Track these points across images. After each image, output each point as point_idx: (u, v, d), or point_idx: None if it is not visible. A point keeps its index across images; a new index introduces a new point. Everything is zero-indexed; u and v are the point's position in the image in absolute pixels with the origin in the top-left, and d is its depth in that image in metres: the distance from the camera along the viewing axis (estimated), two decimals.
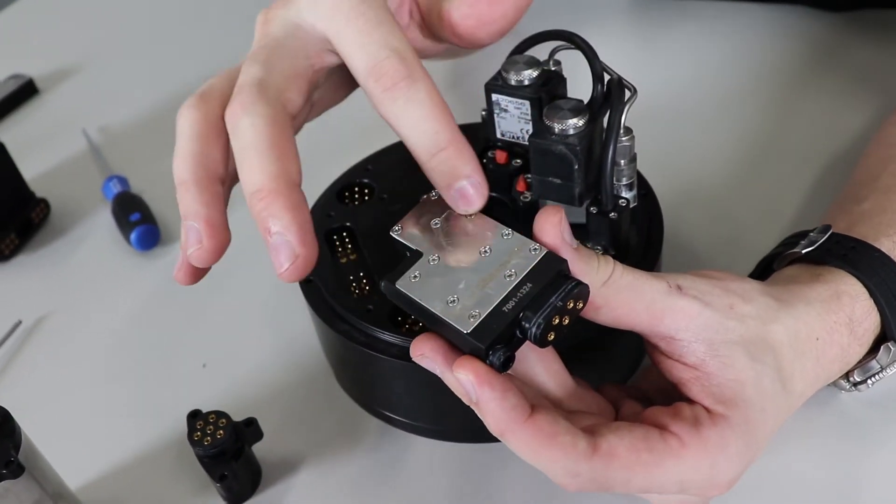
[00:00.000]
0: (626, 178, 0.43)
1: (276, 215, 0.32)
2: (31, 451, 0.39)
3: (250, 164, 0.33)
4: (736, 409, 0.34)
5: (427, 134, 0.33)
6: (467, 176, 0.34)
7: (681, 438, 0.33)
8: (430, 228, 0.36)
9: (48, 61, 0.83)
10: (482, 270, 0.33)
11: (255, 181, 0.33)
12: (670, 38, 0.72)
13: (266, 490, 0.44)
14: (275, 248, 0.33)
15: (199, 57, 0.80)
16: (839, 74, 0.66)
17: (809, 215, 0.54)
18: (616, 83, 0.40)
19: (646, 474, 0.33)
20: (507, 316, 0.32)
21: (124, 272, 0.59)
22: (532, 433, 0.32)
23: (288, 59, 0.36)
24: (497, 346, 0.32)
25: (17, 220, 0.62)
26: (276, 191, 0.33)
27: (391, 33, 0.34)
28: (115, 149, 0.71)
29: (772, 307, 0.36)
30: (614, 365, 0.45)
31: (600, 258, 0.34)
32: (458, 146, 0.34)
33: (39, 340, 0.55)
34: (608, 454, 0.32)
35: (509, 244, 0.34)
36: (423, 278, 0.34)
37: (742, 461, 0.34)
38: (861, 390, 0.42)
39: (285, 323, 0.52)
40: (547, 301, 0.32)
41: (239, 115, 0.34)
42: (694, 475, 0.33)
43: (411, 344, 0.34)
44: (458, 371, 0.32)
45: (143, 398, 0.50)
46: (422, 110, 0.33)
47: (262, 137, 0.33)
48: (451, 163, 0.33)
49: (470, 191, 0.34)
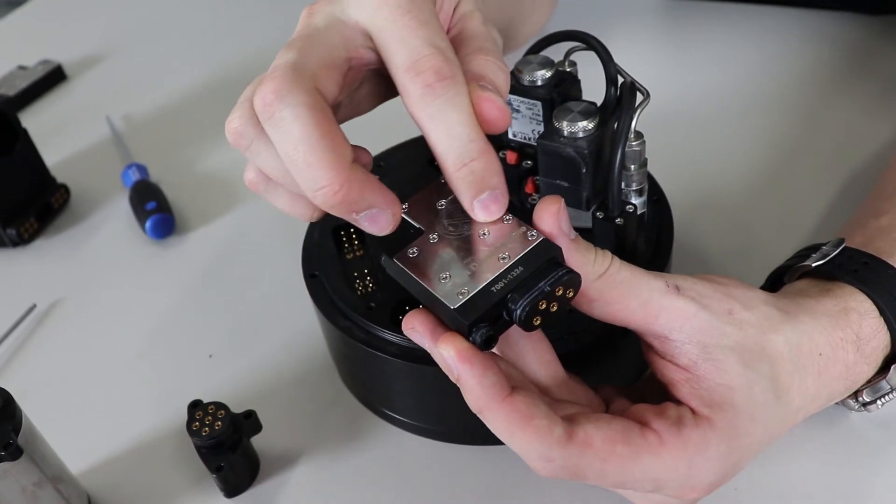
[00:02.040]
0: (636, 183, 0.42)
1: (358, 199, 0.32)
2: (32, 434, 0.40)
3: (307, 161, 0.32)
4: (722, 413, 0.34)
5: (460, 141, 0.33)
6: (493, 187, 0.33)
7: (660, 435, 0.33)
8: (434, 209, 0.36)
9: (78, 48, 0.84)
10: (478, 251, 0.34)
11: (318, 178, 0.32)
12: (697, 42, 0.71)
13: (263, 482, 0.44)
14: (368, 220, 0.33)
15: (225, 49, 0.81)
16: (868, 82, 0.64)
17: (828, 228, 0.53)
18: (628, 86, 0.40)
19: (620, 467, 0.32)
20: (494, 296, 0.32)
21: (138, 260, 0.60)
22: (508, 413, 0.32)
23: (325, 48, 0.34)
24: (481, 324, 0.32)
25: (37, 204, 0.63)
26: (348, 180, 0.32)
27: (436, 34, 0.34)
28: (137, 137, 0.71)
29: (774, 317, 0.36)
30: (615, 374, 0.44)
31: (598, 251, 0.34)
32: (489, 157, 0.33)
33: (52, 325, 0.56)
34: (583, 443, 0.32)
35: (508, 228, 0.34)
36: (420, 255, 0.34)
37: (723, 466, 0.34)
38: (870, 410, 0.41)
39: (293, 317, 0.52)
40: (535, 286, 0.32)
41: (275, 103, 0.32)
42: (670, 474, 0.33)
43: (404, 318, 0.34)
44: (441, 346, 0.32)
45: (149, 386, 0.50)
46: (460, 115, 0.33)
47: (311, 128, 0.32)
48: (481, 174, 0.33)
49: (492, 203, 0.33)
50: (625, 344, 0.42)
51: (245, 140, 0.35)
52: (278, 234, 0.60)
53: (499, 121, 0.34)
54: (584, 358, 0.40)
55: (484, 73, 0.35)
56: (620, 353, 0.43)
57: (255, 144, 0.34)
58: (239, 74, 0.77)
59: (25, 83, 0.78)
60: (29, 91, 0.78)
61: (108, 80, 0.80)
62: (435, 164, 0.51)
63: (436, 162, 0.51)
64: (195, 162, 0.68)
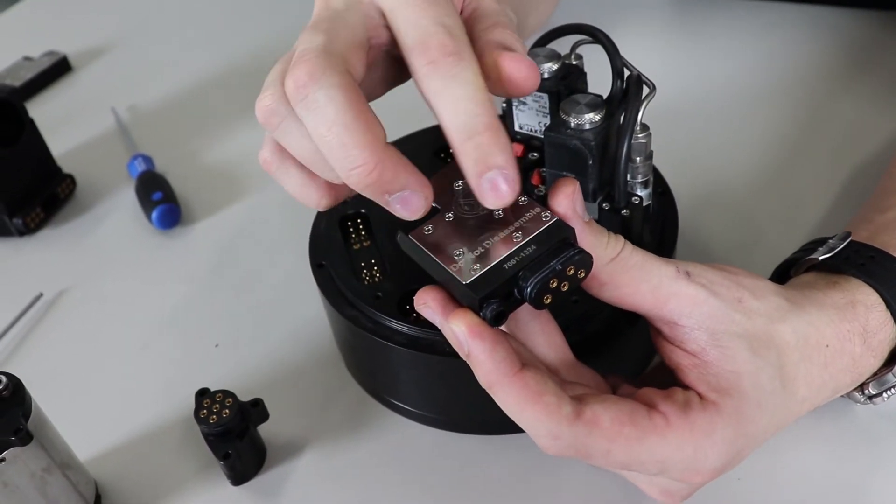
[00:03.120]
0: (641, 175, 0.42)
1: (392, 179, 0.32)
2: (41, 421, 0.40)
3: (341, 142, 0.32)
4: (729, 398, 0.34)
5: (465, 115, 0.32)
6: (500, 167, 0.32)
7: (667, 417, 0.33)
8: (451, 188, 0.36)
9: (83, 39, 0.84)
10: (492, 230, 0.34)
11: (352, 158, 0.32)
12: (702, 36, 0.71)
13: (270, 470, 0.44)
14: (401, 202, 0.33)
15: (230, 41, 0.81)
16: (874, 77, 0.64)
17: (833, 222, 0.53)
18: (634, 79, 0.40)
19: (627, 448, 0.33)
20: (505, 273, 0.32)
21: (144, 250, 0.60)
22: (519, 388, 0.32)
23: (350, 29, 0.34)
24: (492, 300, 0.32)
25: (43, 194, 0.63)
26: (381, 161, 0.32)
27: (446, 13, 0.34)
28: (143, 128, 0.72)
29: (782, 307, 0.36)
30: (622, 364, 0.45)
31: (611, 235, 0.34)
32: (495, 133, 0.32)
33: (59, 314, 0.56)
34: (591, 421, 0.32)
35: (523, 209, 0.34)
36: (435, 232, 0.34)
37: (728, 451, 0.34)
38: (876, 403, 0.41)
39: (299, 306, 0.53)
40: (547, 264, 0.32)
41: (309, 85, 0.32)
42: (676, 456, 0.33)
43: (416, 293, 0.34)
44: (452, 321, 0.32)
45: (156, 374, 0.51)
46: (464, 90, 0.32)
47: (344, 110, 0.32)
48: (486, 149, 0.32)
49: (501, 183, 0.32)
50: (631, 332, 0.42)
51: (276, 118, 0.34)
52: (284, 224, 0.60)
53: (529, 79, 0.33)
54: (592, 346, 0.41)
55: (505, 41, 0.34)
56: (627, 342, 0.43)
57: (286, 124, 0.34)
58: (244, 65, 0.77)
59: (31, 74, 0.79)
60: (35, 82, 0.78)
61: (114, 72, 0.81)
62: (441, 155, 0.52)
63: (442, 153, 0.52)
64: (200, 153, 0.68)
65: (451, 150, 0.33)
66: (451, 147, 0.33)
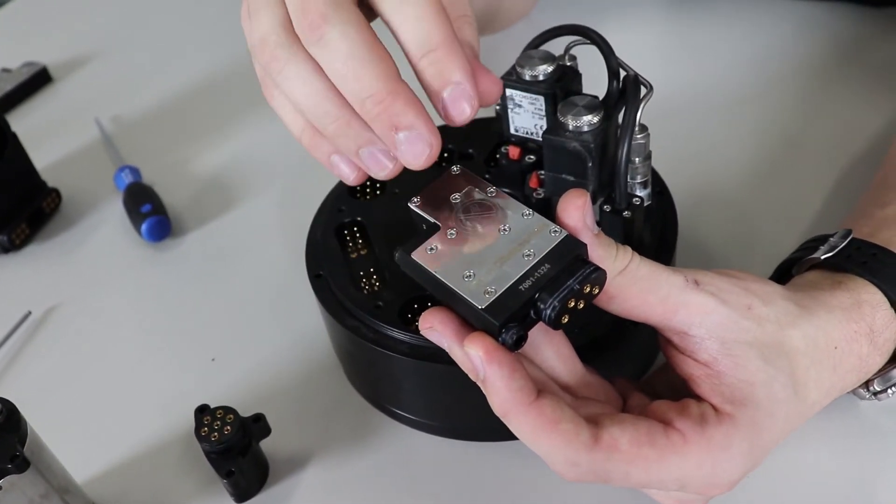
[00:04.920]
0: (641, 176, 0.42)
1: (402, 112, 0.32)
2: (37, 445, 0.39)
3: (356, 74, 0.32)
4: (744, 409, 0.34)
5: (419, 32, 0.32)
6: (457, 82, 0.32)
7: (684, 435, 0.33)
8: (449, 202, 0.35)
9: (63, 49, 0.83)
10: (500, 248, 0.33)
11: (365, 88, 0.32)
12: (696, 34, 0.71)
13: (273, 486, 0.44)
14: (407, 142, 0.33)
15: (213, 48, 0.80)
16: (866, 73, 0.64)
17: (829, 218, 0.53)
18: (632, 80, 0.40)
19: (646, 469, 0.32)
20: (523, 295, 0.32)
21: (134, 263, 0.59)
22: (535, 417, 0.32)
23: None
24: (511, 324, 0.31)
25: (28, 209, 0.62)
26: (394, 91, 0.32)
27: None
28: (128, 139, 0.71)
29: (792, 312, 0.36)
30: (626, 363, 0.44)
31: (619, 247, 0.34)
32: (449, 48, 0.32)
33: (49, 332, 0.55)
34: (610, 446, 0.32)
35: (529, 224, 0.34)
36: (439, 251, 0.34)
37: (745, 463, 0.34)
38: (881, 399, 0.41)
39: (295, 318, 0.52)
40: (564, 283, 0.32)
41: (322, 25, 0.32)
42: (695, 473, 0.33)
43: (421, 316, 0.34)
44: (468, 346, 0.32)
45: (151, 392, 0.50)
46: (417, 9, 0.32)
47: (358, 44, 0.32)
48: (441, 65, 0.32)
49: (460, 99, 0.32)
50: (634, 334, 0.42)
51: (278, 64, 0.34)
52: (277, 233, 0.59)
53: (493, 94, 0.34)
54: (596, 350, 0.40)
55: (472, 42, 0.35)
56: (631, 344, 0.43)
57: (289, 68, 0.34)
58: (227, 73, 0.76)
59: (10, 86, 0.77)
60: (13, 94, 0.77)
61: (95, 82, 0.79)
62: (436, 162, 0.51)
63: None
64: (189, 163, 0.67)
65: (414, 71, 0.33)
66: (414, 71, 0.33)
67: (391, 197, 0.48)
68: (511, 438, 0.43)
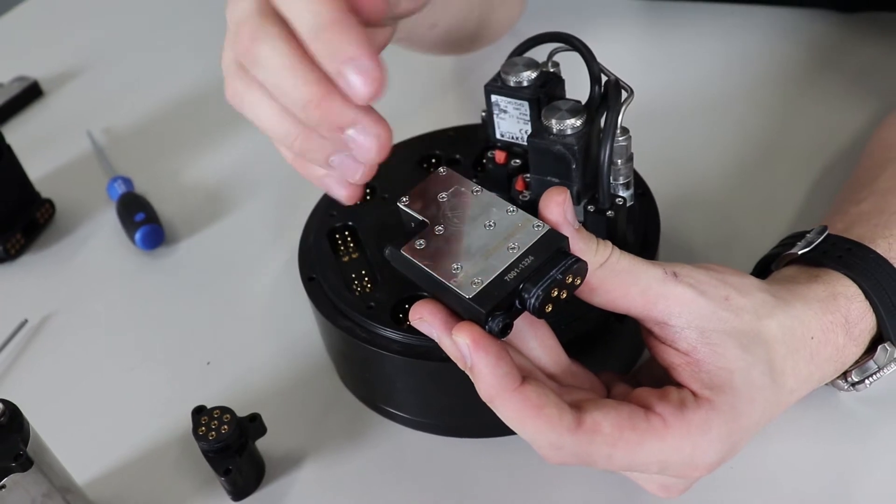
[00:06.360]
0: (623, 177, 0.43)
1: (341, 110, 0.32)
2: (40, 446, 0.40)
3: (293, 83, 0.32)
4: (723, 395, 0.35)
5: (308, 14, 0.32)
6: (352, 58, 0.31)
7: (665, 419, 0.34)
8: (436, 201, 0.37)
9: (53, 63, 0.84)
10: (486, 242, 0.35)
11: (304, 94, 0.32)
12: (674, 40, 0.73)
13: (270, 484, 0.45)
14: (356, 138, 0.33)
15: (203, 59, 0.81)
16: (840, 76, 0.66)
17: (808, 216, 0.55)
18: (613, 84, 0.41)
19: (627, 452, 0.34)
20: (508, 285, 0.33)
21: (129, 271, 0.60)
22: (520, 402, 0.33)
23: None
24: (497, 312, 0.33)
25: (22, 220, 0.63)
26: (329, 92, 0.32)
27: None
28: (120, 150, 0.71)
29: (768, 303, 0.37)
30: (611, 359, 0.46)
31: (599, 241, 0.35)
32: (340, 26, 0.31)
33: (45, 339, 0.56)
34: (592, 430, 0.33)
35: (513, 219, 0.35)
36: (428, 246, 0.35)
37: (724, 446, 0.35)
38: (859, 390, 0.42)
39: (288, 320, 0.53)
40: (547, 274, 0.33)
41: (252, 47, 0.33)
42: (675, 455, 0.34)
43: (411, 308, 0.35)
44: (456, 335, 0.33)
45: (148, 395, 0.51)
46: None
47: (288, 55, 0.32)
48: (334, 45, 0.31)
49: (353, 76, 0.31)
50: (620, 329, 0.43)
51: (238, 98, 0.35)
52: (269, 239, 0.60)
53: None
54: (583, 346, 0.41)
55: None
56: (617, 339, 0.44)
57: (248, 97, 0.35)
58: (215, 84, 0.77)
59: (2, 100, 0.78)
60: (6, 108, 0.78)
61: (86, 95, 0.80)
62: (424, 165, 0.53)
63: (425, 163, 0.53)
64: (180, 172, 0.68)
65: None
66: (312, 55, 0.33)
67: (380, 201, 0.50)
68: (503, 434, 0.45)
